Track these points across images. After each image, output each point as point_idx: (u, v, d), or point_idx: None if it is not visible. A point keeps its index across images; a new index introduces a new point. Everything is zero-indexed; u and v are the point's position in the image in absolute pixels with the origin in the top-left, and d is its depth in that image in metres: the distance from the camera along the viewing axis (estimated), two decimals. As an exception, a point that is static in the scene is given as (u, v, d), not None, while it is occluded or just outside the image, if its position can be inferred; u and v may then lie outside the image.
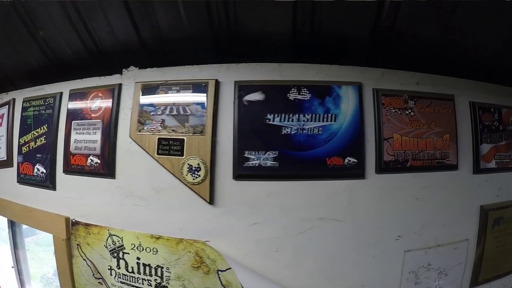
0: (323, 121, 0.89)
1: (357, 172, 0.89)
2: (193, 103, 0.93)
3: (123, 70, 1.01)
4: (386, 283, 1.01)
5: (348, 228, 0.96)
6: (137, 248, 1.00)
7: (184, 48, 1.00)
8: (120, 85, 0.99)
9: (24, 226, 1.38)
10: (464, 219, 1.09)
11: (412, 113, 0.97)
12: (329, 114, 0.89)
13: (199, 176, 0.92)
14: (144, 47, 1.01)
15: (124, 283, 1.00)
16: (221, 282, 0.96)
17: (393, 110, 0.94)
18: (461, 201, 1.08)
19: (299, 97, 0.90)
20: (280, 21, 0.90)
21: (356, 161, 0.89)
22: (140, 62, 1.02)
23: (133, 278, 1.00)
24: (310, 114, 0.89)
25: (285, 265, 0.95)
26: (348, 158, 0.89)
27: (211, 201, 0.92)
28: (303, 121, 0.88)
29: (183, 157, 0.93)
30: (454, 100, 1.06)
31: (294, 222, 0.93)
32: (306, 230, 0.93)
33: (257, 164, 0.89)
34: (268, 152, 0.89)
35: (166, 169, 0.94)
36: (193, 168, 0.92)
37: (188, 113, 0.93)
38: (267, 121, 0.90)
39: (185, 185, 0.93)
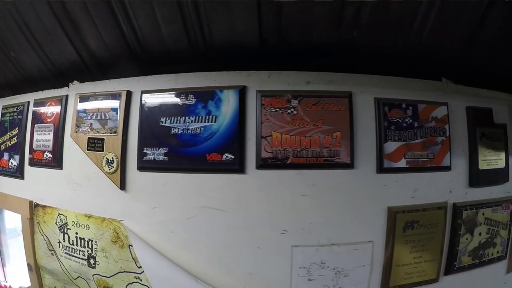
0: (204, 122, 1.01)
1: (234, 168, 0.98)
2: (111, 109, 1.15)
3: (69, 83, 1.29)
4: (274, 275, 1.07)
5: (235, 219, 1.06)
6: (76, 224, 1.26)
7: (111, 65, 1.23)
8: (66, 96, 1.28)
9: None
10: (367, 220, 1.08)
11: (295, 112, 1.01)
12: (210, 116, 1.01)
13: (113, 167, 1.13)
14: (85, 65, 1.27)
15: (67, 253, 1.28)
16: (131, 255, 1.15)
17: (273, 110, 1.01)
18: (362, 201, 1.07)
19: (186, 102, 1.03)
20: (178, 39, 1.06)
21: (233, 157, 0.98)
22: (82, 77, 1.30)
23: (73, 249, 1.27)
24: (194, 116, 1.02)
25: (179, 247, 1.10)
26: (226, 154, 0.99)
27: (122, 187, 1.13)
28: (188, 122, 1.02)
29: (103, 152, 1.16)
30: (351, 97, 1.06)
31: (184, 208, 1.07)
32: (194, 216, 1.06)
33: (152, 158, 1.06)
34: (160, 148, 1.05)
35: (93, 161, 1.19)
36: (109, 161, 1.14)
37: (107, 118, 1.16)
38: (161, 123, 1.06)
39: (105, 174, 1.16)
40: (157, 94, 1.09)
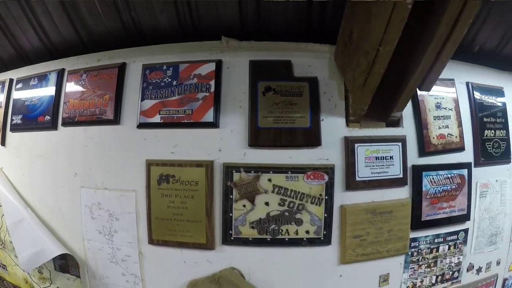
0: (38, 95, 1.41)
1: (49, 126, 1.32)
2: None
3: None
4: (72, 211, 1.30)
5: (54, 164, 1.36)
6: None
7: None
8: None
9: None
10: (132, 170, 1.22)
11: (83, 83, 1.26)
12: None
13: None
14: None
15: None
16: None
17: (73, 83, 1.29)
18: (127, 152, 1.22)
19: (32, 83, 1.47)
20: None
21: (50, 118, 1.32)
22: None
23: None
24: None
25: (28, 188, 1.42)
26: (47, 116, 1.34)
27: (2, 144, 1.53)
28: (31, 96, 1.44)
29: None
30: (124, 67, 1.23)
31: (30, 157, 1.42)
32: (32, 163, 1.43)
33: (15, 123, 1.53)
34: (18, 115, 1.51)
35: None
36: None
37: None
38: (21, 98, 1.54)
39: None
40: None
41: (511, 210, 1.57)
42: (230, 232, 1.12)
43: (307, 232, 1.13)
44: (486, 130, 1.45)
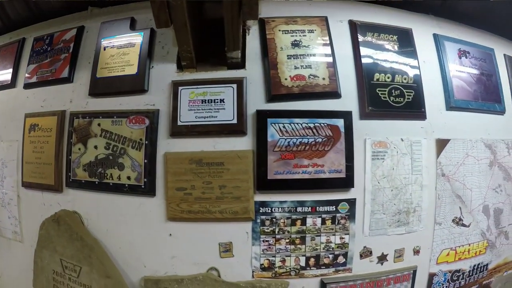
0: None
1: None
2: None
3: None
4: None
5: None
6: None
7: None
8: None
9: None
10: (17, 123, 1.38)
11: None
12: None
13: None
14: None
15: None
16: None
17: None
18: (15, 109, 1.41)
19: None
20: None
21: None
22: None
23: None
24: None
25: None
26: None
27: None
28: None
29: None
30: (24, 41, 1.47)
31: None
32: None
33: None
34: None
35: None
36: None
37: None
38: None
39: None
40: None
41: (431, 181, 1.22)
42: (69, 174, 1.21)
43: (129, 178, 1.13)
44: (377, 73, 1.20)
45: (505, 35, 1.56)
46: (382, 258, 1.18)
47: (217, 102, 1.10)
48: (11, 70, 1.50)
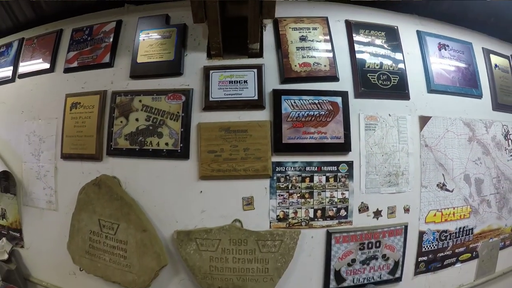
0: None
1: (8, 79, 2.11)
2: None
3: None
4: (18, 140, 1.95)
5: (5, 106, 2.10)
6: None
7: None
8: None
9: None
10: (57, 103, 1.88)
11: (34, 45, 2.03)
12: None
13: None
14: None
15: None
16: None
17: (28, 46, 2.09)
18: (55, 90, 1.89)
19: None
20: None
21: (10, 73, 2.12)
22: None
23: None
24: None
25: None
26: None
27: None
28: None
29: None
30: (62, 32, 1.93)
31: None
32: None
33: None
34: None
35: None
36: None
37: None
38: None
39: None
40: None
41: (416, 150, 1.73)
42: (111, 143, 1.67)
43: (167, 144, 1.59)
44: (368, 62, 1.74)
45: (485, 30, 2.15)
46: (377, 214, 1.66)
47: (242, 82, 1.61)
48: (49, 57, 1.99)
